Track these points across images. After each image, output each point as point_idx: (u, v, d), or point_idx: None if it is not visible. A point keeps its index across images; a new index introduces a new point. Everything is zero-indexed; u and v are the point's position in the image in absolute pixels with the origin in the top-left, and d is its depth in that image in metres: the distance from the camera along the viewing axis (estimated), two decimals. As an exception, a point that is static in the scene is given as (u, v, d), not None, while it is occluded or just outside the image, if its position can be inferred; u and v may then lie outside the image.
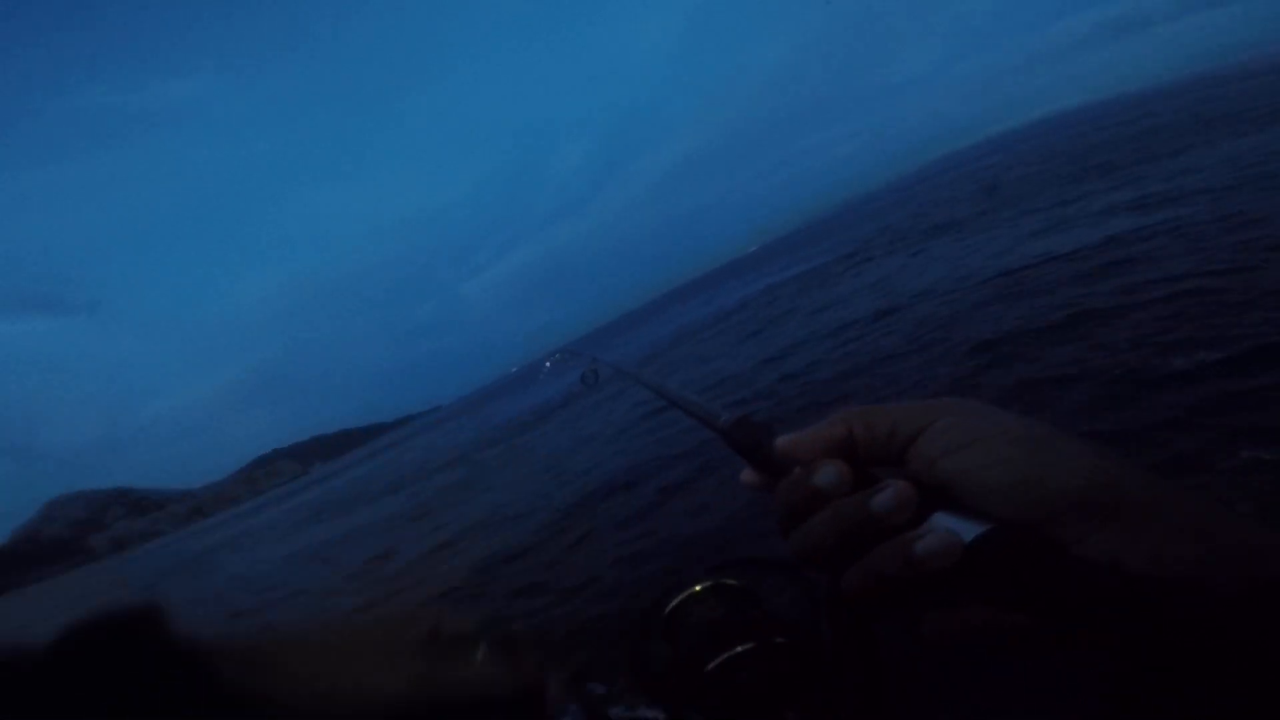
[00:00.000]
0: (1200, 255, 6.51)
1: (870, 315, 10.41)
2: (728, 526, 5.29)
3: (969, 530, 0.36)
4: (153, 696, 0.39)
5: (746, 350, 13.38)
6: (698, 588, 0.64)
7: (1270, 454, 3.28)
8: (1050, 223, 11.20)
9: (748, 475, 0.51)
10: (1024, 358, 5.86)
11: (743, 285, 35.55)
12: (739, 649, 0.57)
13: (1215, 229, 7.17)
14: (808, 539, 0.42)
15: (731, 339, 16.11)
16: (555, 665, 0.58)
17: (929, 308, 9.13)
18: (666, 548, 5.57)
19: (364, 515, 18.36)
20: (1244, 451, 3.37)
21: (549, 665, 0.58)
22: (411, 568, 9.14)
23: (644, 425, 10.77)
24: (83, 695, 0.38)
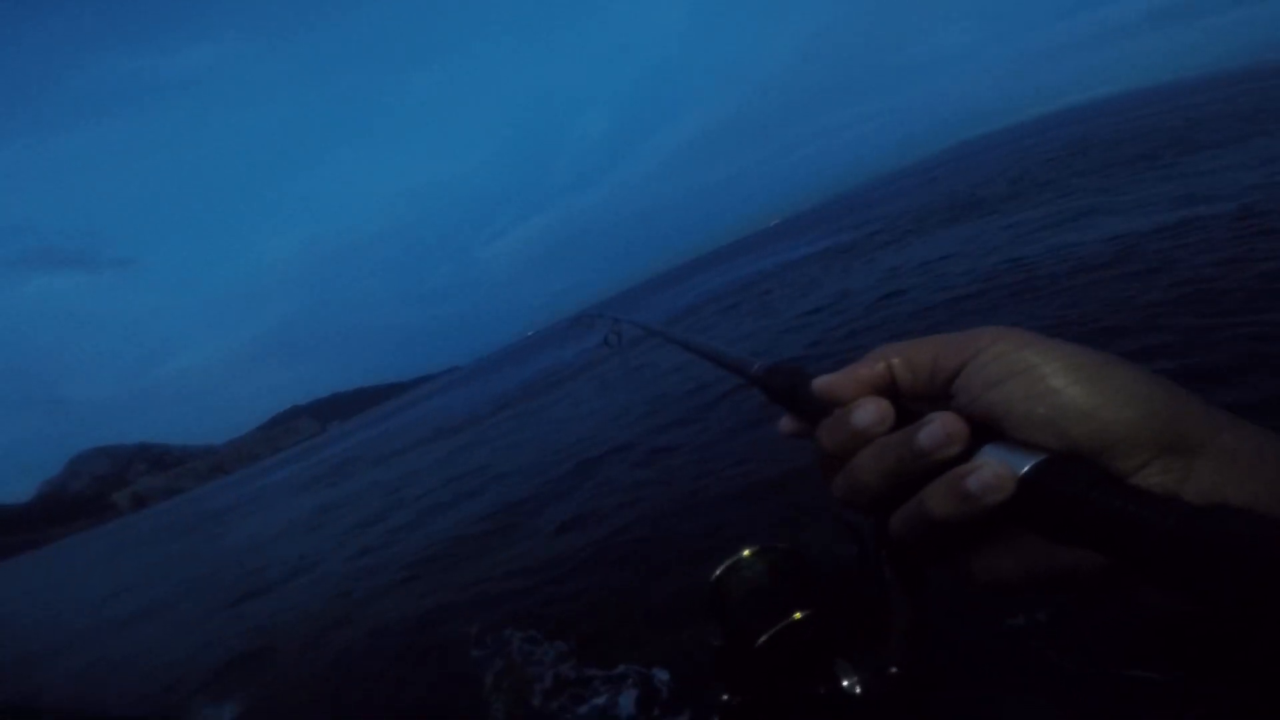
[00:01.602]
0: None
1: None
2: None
3: (1022, 462, 0.34)
4: None
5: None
6: (745, 553, 0.63)
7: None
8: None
9: (786, 422, 0.50)
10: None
11: (774, 254, 34.95)
12: (796, 616, 0.55)
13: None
14: (852, 482, 0.40)
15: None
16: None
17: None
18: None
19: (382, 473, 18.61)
20: None
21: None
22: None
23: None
24: None
